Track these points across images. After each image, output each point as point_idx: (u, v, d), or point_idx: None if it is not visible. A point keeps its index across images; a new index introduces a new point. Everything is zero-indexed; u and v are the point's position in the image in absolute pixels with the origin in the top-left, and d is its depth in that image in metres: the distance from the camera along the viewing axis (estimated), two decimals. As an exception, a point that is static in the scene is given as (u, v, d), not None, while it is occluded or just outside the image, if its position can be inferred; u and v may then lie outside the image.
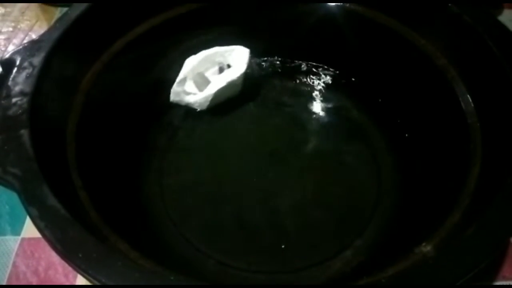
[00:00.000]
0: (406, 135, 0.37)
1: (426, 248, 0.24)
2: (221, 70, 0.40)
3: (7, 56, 0.30)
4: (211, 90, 0.39)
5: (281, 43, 0.43)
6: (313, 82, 0.43)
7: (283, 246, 0.32)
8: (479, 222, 0.22)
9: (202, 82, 0.40)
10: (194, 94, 0.39)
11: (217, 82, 0.39)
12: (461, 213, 0.26)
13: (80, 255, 0.20)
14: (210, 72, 0.40)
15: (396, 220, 0.33)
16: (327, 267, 0.31)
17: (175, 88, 0.39)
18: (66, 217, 0.22)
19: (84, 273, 0.20)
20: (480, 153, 0.29)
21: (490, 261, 0.21)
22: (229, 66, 0.40)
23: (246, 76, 0.41)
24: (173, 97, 0.40)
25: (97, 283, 0.20)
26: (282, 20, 0.41)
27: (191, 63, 0.39)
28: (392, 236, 0.32)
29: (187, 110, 0.41)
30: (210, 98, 0.39)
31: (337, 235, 0.33)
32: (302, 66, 0.44)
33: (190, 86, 0.40)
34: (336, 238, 0.33)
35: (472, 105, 0.31)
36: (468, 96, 0.32)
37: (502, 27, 0.31)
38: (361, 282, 0.21)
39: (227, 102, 0.42)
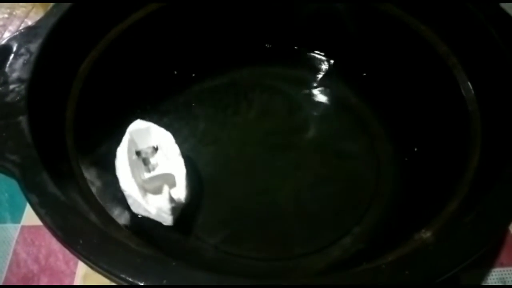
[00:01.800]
0: (406, 123, 0.37)
1: (426, 234, 0.24)
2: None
3: (3, 42, 0.30)
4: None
5: (281, 30, 0.42)
6: (312, 70, 0.43)
7: (282, 234, 0.32)
8: (478, 209, 0.22)
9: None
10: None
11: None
12: (461, 200, 0.26)
13: (81, 242, 0.20)
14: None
15: (395, 207, 0.33)
16: (326, 254, 0.31)
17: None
18: (66, 204, 0.22)
19: (85, 259, 0.20)
20: (480, 141, 0.29)
21: (489, 248, 0.22)
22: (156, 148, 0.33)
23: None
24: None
25: (98, 269, 0.20)
26: (282, 6, 0.41)
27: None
28: (391, 223, 0.32)
29: (185, 100, 0.40)
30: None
31: (336, 222, 0.33)
32: (301, 54, 0.44)
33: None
34: (335, 226, 0.33)
35: (473, 92, 0.31)
36: (469, 83, 0.32)
37: (505, 14, 0.31)
38: (360, 268, 0.21)
39: (224, 91, 0.42)
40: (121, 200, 0.30)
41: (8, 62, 0.28)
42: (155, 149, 0.33)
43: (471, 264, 0.21)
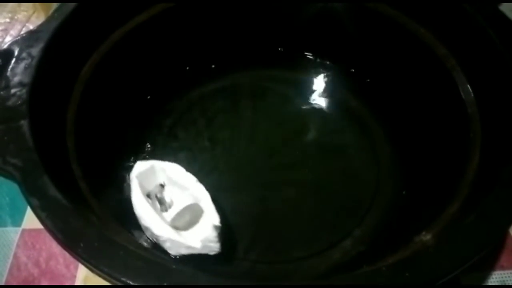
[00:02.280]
0: (405, 125, 0.37)
1: (426, 237, 0.24)
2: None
3: (5, 46, 0.30)
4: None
5: (281, 34, 0.43)
6: (312, 73, 0.43)
7: (282, 237, 0.32)
8: (479, 212, 0.22)
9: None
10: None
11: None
12: (461, 203, 0.26)
13: (82, 245, 0.20)
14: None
15: (395, 210, 0.33)
16: (326, 257, 0.31)
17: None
18: (67, 207, 0.22)
19: (86, 262, 0.20)
20: (480, 142, 0.29)
21: (489, 251, 0.22)
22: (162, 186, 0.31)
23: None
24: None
25: (99, 272, 0.20)
26: (282, 10, 0.41)
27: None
28: (391, 225, 0.32)
29: (187, 103, 0.41)
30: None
31: (336, 225, 0.33)
32: (301, 57, 0.44)
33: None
34: (335, 228, 0.33)
35: (472, 94, 0.31)
36: (468, 85, 0.32)
37: (503, 16, 0.31)
38: (361, 271, 0.21)
39: (225, 93, 0.42)
40: (121, 203, 0.30)
41: (10, 66, 0.28)
42: (162, 186, 0.31)
43: (472, 267, 0.21)
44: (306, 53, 0.44)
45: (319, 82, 0.43)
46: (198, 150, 0.38)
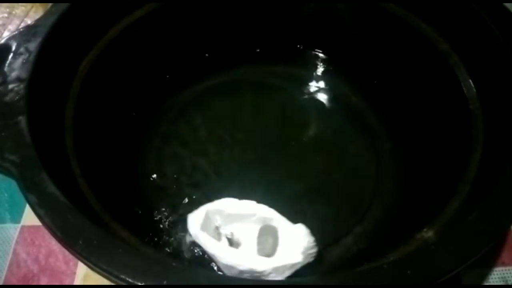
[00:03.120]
0: (406, 121, 0.37)
1: (428, 233, 0.24)
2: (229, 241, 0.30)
3: (2, 41, 0.30)
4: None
5: (282, 29, 0.42)
6: (312, 68, 0.43)
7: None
8: (481, 208, 0.22)
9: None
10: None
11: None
12: (462, 199, 0.26)
13: (81, 242, 0.20)
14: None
15: (396, 206, 0.33)
16: (327, 254, 0.31)
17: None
18: (65, 204, 0.22)
19: (85, 260, 0.20)
20: (482, 139, 0.29)
21: (490, 247, 0.21)
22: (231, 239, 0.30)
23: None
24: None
25: (98, 270, 0.20)
26: (283, 5, 0.40)
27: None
28: (393, 222, 0.32)
29: (186, 100, 0.40)
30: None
31: (337, 222, 0.33)
32: (302, 52, 0.43)
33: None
34: (336, 225, 0.33)
35: (475, 90, 0.31)
36: (471, 81, 0.31)
37: (507, 12, 0.31)
38: (362, 268, 0.21)
39: (226, 89, 0.41)
40: (121, 199, 0.30)
41: (7, 62, 0.28)
42: (217, 227, 0.30)
43: (473, 263, 0.20)
44: (307, 48, 0.43)
45: (320, 78, 0.42)
46: (197, 147, 0.38)
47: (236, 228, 0.30)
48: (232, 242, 0.29)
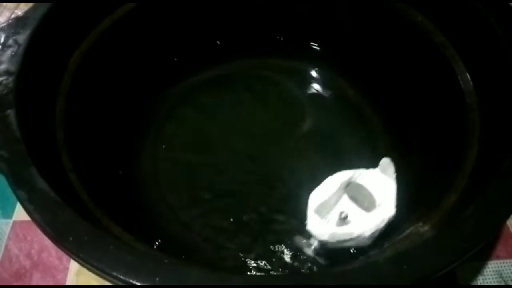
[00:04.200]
0: (403, 114, 0.37)
1: (424, 228, 0.23)
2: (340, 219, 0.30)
3: (-10, 34, 0.29)
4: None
5: (277, 22, 0.42)
6: (308, 61, 0.42)
7: (278, 228, 0.32)
8: (477, 203, 0.22)
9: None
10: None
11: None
12: (459, 194, 0.25)
13: (71, 239, 0.20)
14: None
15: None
16: (323, 248, 0.31)
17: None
18: (55, 199, 0.21)
19: (75, 256, 0.20)
20: (479, 133, 0.28)
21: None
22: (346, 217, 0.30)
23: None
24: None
25: (89, 267, 0.19)
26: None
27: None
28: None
29: (183, 92, 0.40)
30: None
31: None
32: (298, 45, 0.43)
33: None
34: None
35: (471, 84, 0.31)
36: (467, 74, 0.31)
37: (504, 4, 0.30)
38: (358, 263, 0.21)
39: (222, 82, 0.41)
40: (113, 195, 0.30)
41: (-4, 54, 0.27)
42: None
43: (468, 257, 0.20)
44: (303, 41, 0.43)
45: (316, 71, 0.42)
46: (192, 142, 0.37)
47: (339, 207, 0.30)
48: (344, 218, 0.29)
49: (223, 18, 0.40)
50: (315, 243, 0.30)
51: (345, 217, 0.29)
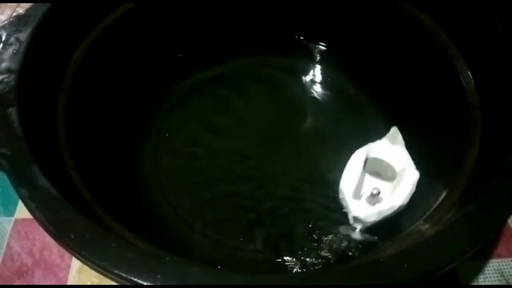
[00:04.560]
0: (404, 112, 0.37)
1: (425, 226, 0.23)
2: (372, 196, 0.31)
3: (-8, 31, 0.29)
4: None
5: (277, 18, 0.42)
6: (310, 59, 0.42)
7: (280, 227, 0.32)
8: (479, 201, 0.22)
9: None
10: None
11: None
12: (460, 192, 0.25)
13: (73, 236, 0.20)
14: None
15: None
16: (325, 246, 0.31)
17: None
18: (57, 197, 0.21)
19: (77, 254, 0.20)
20: (480, 131, 0.28)
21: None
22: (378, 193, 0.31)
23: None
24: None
25: (91, 264, 0.19)
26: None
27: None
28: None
29: (184, 90, 0.40)
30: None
31: (333, 213, 0.33)
32: (299, 42, 0.43)
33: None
34: (334, 217, 0.32)
35: (473, 82, 0.31)
36: (469, 73, 0.31)
37: (507, 2, 0.30)
38: (358, 261, 0.21)
39: (223, 81, 0.41)
40: (115, 192, 0.30)
41: (-3, 52, 0.27)
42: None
43: (469, 256, 0.20)
44: (304, 39, 0.43)
45: (318, 69, 0.42)
46: (193, 139, 0.37)
47: (367, 186, 0.32)
48: (377, 194, 0.31)
49: (225, 16, 0.40)
50: (358, 227, 0.30)
51: (378, 193, 0.30)
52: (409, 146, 0.33)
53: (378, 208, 0.29)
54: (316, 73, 0.42)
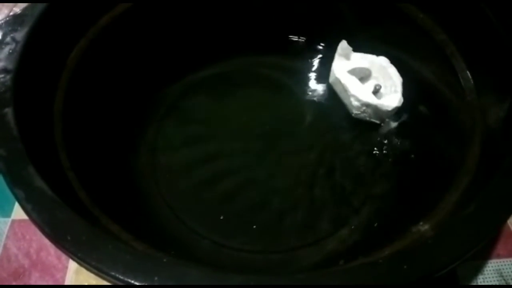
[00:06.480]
0: (404, 112, 0.37)
1: (424, 227, 0.23)
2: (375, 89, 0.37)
3: (-12, 31, 0.29)
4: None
5: (277, 19, 0.41)
6: (308, 59, 0.42)
7: (278, 226, 0.32)
8: (478, 201, 0.22)
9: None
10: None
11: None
12: (460, 192, 0.25)
13: (69, 238, 0.20)
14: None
15: (392, 199, 0.33)
16: (322, 247, 0.31)
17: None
18: (53, 198, 0.21)
19: (73, 256, 0.19)
20: (480, 131, 0.28)
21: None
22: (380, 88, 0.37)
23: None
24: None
25: (87, 266, 0.19)
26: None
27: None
28: (389, 215, 0.32)
29: (180, 90, 0.40)
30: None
31: (333, 214, 0.33)
32: (295, 42, 0.43)
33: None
34: (332, 217, 0.32)
35: (472, 81, 0.31)
36: (468, 72, 0.31)
37: (506, 2, 0.30)
38: (357, 262, 0.21)
39: (221, 80, 0.41)
40: (112, 193, 0.30)
41: (-7, 52, 0.27)
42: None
43: (469, 256, 0.20)
44: (302, 39, 0.43)
45: (316, 69, 0.42)
46: (190, 140, 0.37)
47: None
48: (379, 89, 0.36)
49: (223, 16, 0.40)
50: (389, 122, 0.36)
51: (380, 88, 0.36)
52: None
53: (399, 96, 0.35)
54: (313, 73, 0.42)
